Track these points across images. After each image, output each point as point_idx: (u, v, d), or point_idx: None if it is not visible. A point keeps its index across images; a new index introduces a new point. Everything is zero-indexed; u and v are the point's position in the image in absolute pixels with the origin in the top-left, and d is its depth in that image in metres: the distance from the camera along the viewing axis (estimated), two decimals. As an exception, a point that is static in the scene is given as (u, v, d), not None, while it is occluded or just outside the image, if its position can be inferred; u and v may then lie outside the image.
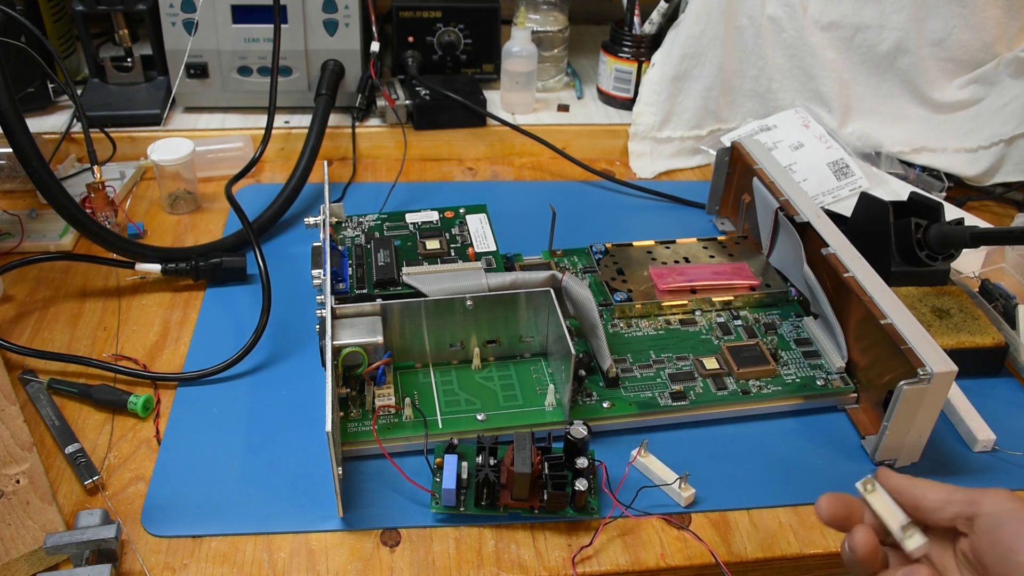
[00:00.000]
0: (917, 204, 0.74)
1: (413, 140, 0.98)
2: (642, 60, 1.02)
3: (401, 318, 0.63)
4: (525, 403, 0.63)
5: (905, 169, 0.97)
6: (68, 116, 0.94)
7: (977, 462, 0.63)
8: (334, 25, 0.95)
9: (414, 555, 0.54)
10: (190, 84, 0.97)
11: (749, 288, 0.74)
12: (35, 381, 0.65)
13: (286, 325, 0.72)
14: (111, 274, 0.78)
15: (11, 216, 0.82)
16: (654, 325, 0.71)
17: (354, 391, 0.63)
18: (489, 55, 1.05)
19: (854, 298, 0.65)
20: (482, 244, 0.73)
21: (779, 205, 0.74)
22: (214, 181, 0.92)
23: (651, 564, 0.55)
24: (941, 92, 0.99)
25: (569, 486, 0.56)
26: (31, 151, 0.65)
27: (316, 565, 0.54)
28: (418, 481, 0.57)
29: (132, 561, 0.53)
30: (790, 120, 0.96)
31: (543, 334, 0.66)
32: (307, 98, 0.96)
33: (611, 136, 1.02)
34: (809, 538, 0.57)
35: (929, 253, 0.72)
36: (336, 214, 0.76)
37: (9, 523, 0.53)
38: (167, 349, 0.70)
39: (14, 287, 0.76)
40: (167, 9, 0.92)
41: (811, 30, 0.96)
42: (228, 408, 0.65)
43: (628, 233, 0.84)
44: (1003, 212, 0.95)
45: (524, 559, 0.54)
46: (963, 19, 0.95)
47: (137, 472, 0.59)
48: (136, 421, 0.63)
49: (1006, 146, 0.95)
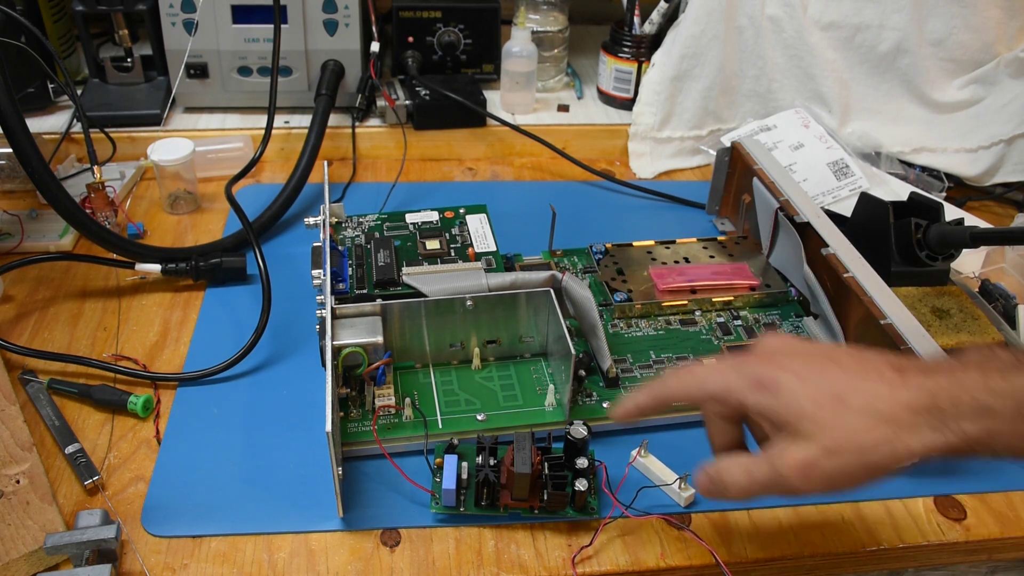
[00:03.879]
0: (917, 204, 0.74)
1: (413, 140, 0.98)
2: (642, 60, 1.02)
3: (401, 318, 0.63)
4: (525, 403, 0.63)
5: (905, 169, 0.97)
6: (68, 116, 0.94)
7: (977, 462, 0.63)
8: (334, 25, 0.95)
9: (414, 555, 0.54)
10: (190, 84, 0.97)
11: (749, 288, 0.74)
12: (35, 381, 0.65)
13: (286, 325, 0.72)
14: (111, 274, 0.78)
15: (11, 216, 0.82)
16: (654, 325, 0.71)
17: (354, 391, 0.63)
18: (489, 55, 1.05)
19: (854, 298, 0.65)
20: (482, 244, 0.73)
21: (779, 205, 0.74)
22: (214, 181, 0.92)
23: (651, 564, 0.55)
24: (941, 92, 0.99)
25: (569, 486, 0.56)
26: (31, 151, 0.65)
27: (316, 565, 0.54)
28: (418, 481, 0.57)
29: (132, 561, 0.53)
30: (790, 120, 0.96)
31: (543, 334, 0.66)
32: (307, 98, 0.96)
33: (611, 136, 1.02)
34: (809, 538, 0.57)
35: (929, 253, 0.72)
36: (336, 214, 0.76)
37: (9, 523, 0.53)
38: (167, 349, 0.70)
39: (14, 287, 0.76)
40: (167, 9, 0.92)
41: (811, 30, 0.96)
42: (228, 408, 0.65)
43: (628, 233, 0.84)
44: (1003, 212, 0.95)
45: (524, 559, 0.54)
46: (963, 19, 0.95)
47: (137, 472, 0.59)
48: (136, 421, 0.64)
49: (1006, 146, 0.95)
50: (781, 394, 0.44)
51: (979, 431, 0.41)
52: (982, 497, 0.60)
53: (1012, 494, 0.60)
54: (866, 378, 0.43)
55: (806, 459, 0.43)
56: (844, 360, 0.45)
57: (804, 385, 0.44)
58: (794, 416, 0.44)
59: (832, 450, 0.42)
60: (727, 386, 0.47)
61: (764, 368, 0.46)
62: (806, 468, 0.43)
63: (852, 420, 0.42)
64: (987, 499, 0.60)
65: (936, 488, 0.61)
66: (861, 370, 0.44)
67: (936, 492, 0.60)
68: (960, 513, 0.59)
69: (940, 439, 0.41)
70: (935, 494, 0.60)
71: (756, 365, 0.46)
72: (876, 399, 0.42)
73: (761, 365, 0.46)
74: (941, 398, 0.41)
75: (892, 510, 0.59)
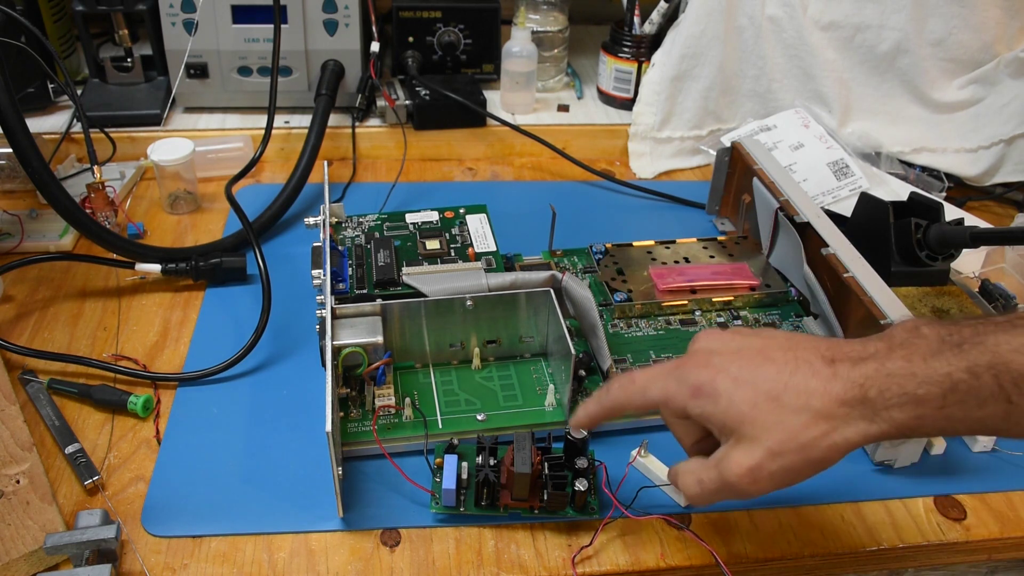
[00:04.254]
0: (917, 204, 0.74)
1: (413, 140, 0.98)
2: (642, 60, 1.02)
3: (401, 318, 0.63)
4: (525, 403, 0.63)
5: (905, 169, 0.97)
6: (68, 116, 0.94)
7: (977, 462, 0.63)
8: (334, 25, 0.95)
9: (414, 555, 0.54)
10: (190, 84, 0.97)
11: (749, 288, 0.74)
12: (35, 381, 0.65)
13: (286, 325, 0.72)
14: (111, 274, 0.78)
15: (11, 216, 0.82)
16: (654, 325, 0.71)
17: (354, 391, 0.63)
18: (489, 55, 1.05)
19: (854, 298, 0.65)
20: (482, 244, 0.73)
21: (779, 205, 0.74)
22: (214, 181, 0.92)
23: (651, 564, 0.55)
24: (941, 92, 0.99)
25: (569, 486, 0.56)
26: (31, 151, 0.65)
27: (316, 565, 0.54)
28: (418, 481, 0.57)
29: (132, 561, 0.53)
30: (790, 120, 0.96)
31: (543, 334, 0.66)
32: (307, 98, 0.96)
33: (611, 136, 1.02)
34: (809, 538, 0.57)
35: (929, 253, 0.72)
36: (336, 214, 0.76)
37: (9, 523, 0.53)
38: (167, 349, 0.70)
39: (14, 287, 0.76)
40: (167, 9, 0.92)
41: (811, 30, 0.96)
42: (228, 408, 0.65)
43: (628, 233, 0.84)
44: (1003, 212, 0.95)
45: (524, 559, 0.54)
46: (963, 19, 0.95)
47: (137, 472, 0.59)
48: (136, 421, 0.63)
49: (1006, 146, 0.95)
50: (720, 400, 0.45)
51: (908, 418, 0.42)
52: (982, 497, 0.60)
53: (1012, 494, 0.60)
54: (799, 373, 0.44)
55: (752, 464, 0.44)
56: (776, 355, 0.46)
57: (740, 389, 0.45)
58: (734, 422, 0.45)
59: (776, 452, 0.43)
60: (667, 394, 0.48)
61: (701, 373, 0.47)
62: (753, 472, 0.44)
63: (790, 419, 0.43)
64: (987, 499, 0.60)
65: (936, 488, 0.61)
66: (794, 365, 0.45)
67: (936, 492, 0.60)
68: (960, 513, 0.59)
69: (874, 428, 0.43)
70: (935, 494, 0.60)
71: (693, 370, 0.47)
72: (810, 396, 0.43)
73: (698, 370, 0.47)
74: (870, 389, 0.43)
75: (892, 510, 0.59)
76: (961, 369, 0.41)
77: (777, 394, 0.44)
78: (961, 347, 0.42)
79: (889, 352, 0.43)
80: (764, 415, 0.44)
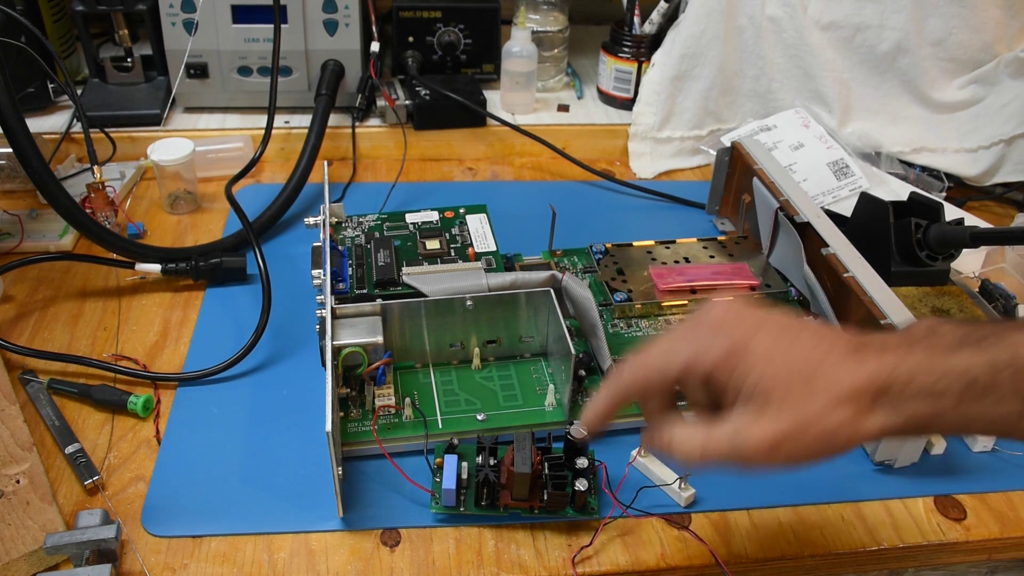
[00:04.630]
0: (917, 204, 0.74)
1: (413, 140, 0.98)
2: (642, 60, 1.02)
3: (401, 318, 0.63)
4: (525, 403, 0.63)
5: (905, 169, 0.97)
6: (68, 116, 0.94)
7: (977, 462, 0.63)
8: (334, 25, 0.95)
9: (414, 555, 0.54)
10: (190, 84, 0.97)
11: (749, 288, 0.74)
12: (35, 381, 0.65)
13: (286, 325, 0.72)
14: (111, 274, 0.78)
15: (11, 216, 0.82)
16: (654, 325, 0.71)
17: (354, 391, 0.63)
18: (489, 55, 1.05)
19: (854, 298, 0.65)
20: (482, 244, 0.73)
21: (779, 205, 0.74)
22: (214, 181, 0.92)
23: (651, 564, 0.55)
24: (941, 92, 0.99)
25: (569, 486, 0.56)
26: (31, 151, 0.65)
27: (316, 565, 0.54)
28: (418, 481, 0.57)
29: (132, 561, 0.53)
30: (790, 120, 0.96)
31: (543, 334, 0.66)
32: (307, 98, 0.96)
33: (611, 136, 1.02)
34: (809, 538, 0.57)
35: (929, 253, 0.72)
36: (336, 214, 0.76)
37: (9, 523, 0.53)
38: (167, 349, 0.70)
39: (14, 287, 0.76)
40: (167, 9, 0.92)
41: (811, 30, 0.96)
42: (228, 408, 0.65)
43: (628, 233, 0.84)
44: (1003, 212, 0.95)
45: (524, 559, 0.54)
46: (963, 19, 0.95)
47: (137, 472, 0.59)
48: (136, 421, 0.63)
49: (1006, 146, 0.95)
50: (756, 364, 0.43)
51: (926, 413, 0.41)
52: (982, 497, 0.60)
53: (1012, 494, 0.60)
54: (832, 355, 0.43)
55: (775, 437, 0.42)
56: (805, 334, 0.44)
57: (778, 357, 0.43)
58: (766, 388, 0.43)
59: (800, 429, 0.42)
60: (696, 354, 0.45)
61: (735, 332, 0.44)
62: (773, 444, 0.42)
63: (819, 400, 0.42)
64: (987, 499, 0.60)
65: (936, 488, 0.61)
66: (828, 345, 0.44)
67: (936, 492, 0.60)
68: (960, 513, 0.59)
69: (893, 421, 0.42)
70: (935, 494, 0.60)
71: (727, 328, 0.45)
72: (840, 380, 0.42)
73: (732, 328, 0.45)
74: (895, 379, 0.42)
75: (892, 510, 0.59)
76: (980, 365, 0.41)
77: (811, 371, 0.43)
78: (980, 344, 0.41)
79: (910, 346, 0.42)
80: (797, 389, 0.42)
